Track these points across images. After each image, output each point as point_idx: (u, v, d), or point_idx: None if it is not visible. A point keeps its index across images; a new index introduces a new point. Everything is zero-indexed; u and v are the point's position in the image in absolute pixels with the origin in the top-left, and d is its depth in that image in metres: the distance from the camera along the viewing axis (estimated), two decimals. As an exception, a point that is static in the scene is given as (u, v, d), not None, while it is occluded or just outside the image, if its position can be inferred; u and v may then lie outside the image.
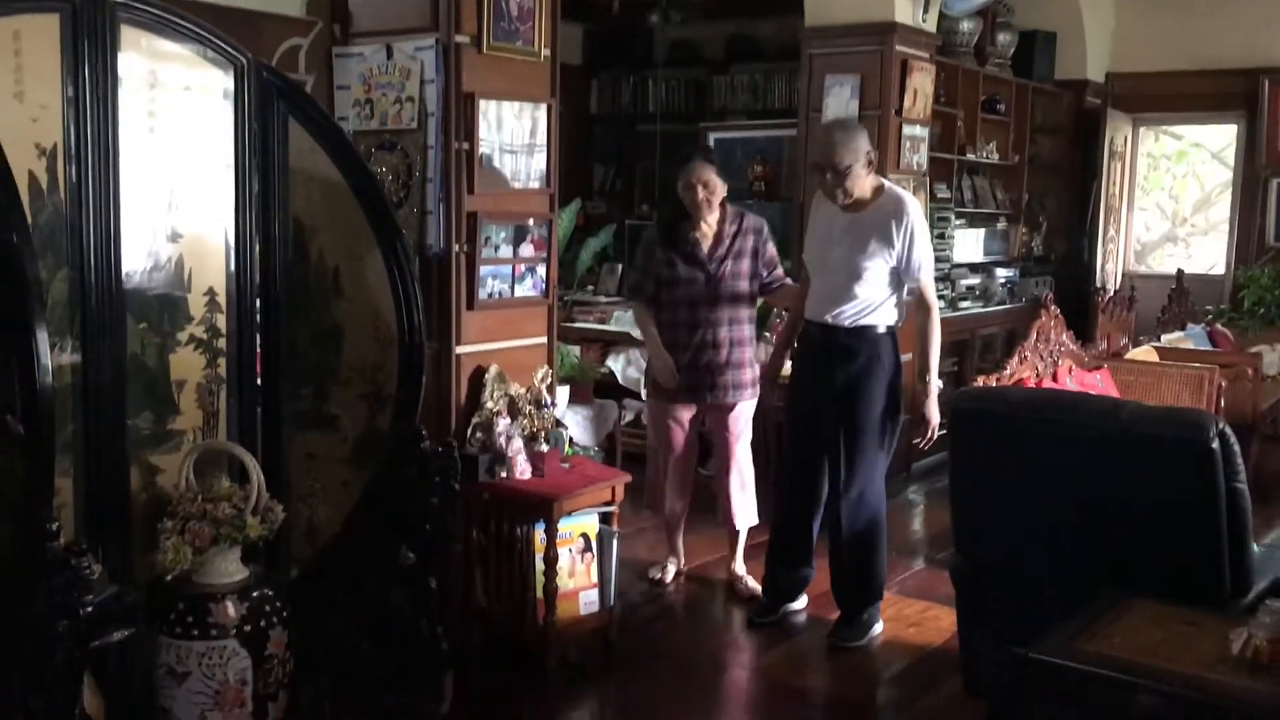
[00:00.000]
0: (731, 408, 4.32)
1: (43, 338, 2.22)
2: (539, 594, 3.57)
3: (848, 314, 3.80)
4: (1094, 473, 2.99)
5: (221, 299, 3.05)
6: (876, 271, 3.77)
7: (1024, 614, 2.91)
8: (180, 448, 2.96)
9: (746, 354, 4.31)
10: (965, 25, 7.08)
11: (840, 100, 5.90)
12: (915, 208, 3.85)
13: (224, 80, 3.00)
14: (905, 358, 3.96)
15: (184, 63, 2.94)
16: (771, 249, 4.36)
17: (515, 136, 3.79)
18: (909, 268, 3.80)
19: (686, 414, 4.38)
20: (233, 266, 3.06)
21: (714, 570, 4.61)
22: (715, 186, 4.16)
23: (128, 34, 2.77)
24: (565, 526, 3.60)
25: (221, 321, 3.05)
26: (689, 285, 4.21)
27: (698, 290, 4.20)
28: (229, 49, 2.98)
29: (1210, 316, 7.40)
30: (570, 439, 4.55)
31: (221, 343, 3.05)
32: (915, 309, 3.92)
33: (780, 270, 4.41)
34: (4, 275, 2.22)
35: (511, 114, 3.76)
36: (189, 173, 2.97)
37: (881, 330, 3.83)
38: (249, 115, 3.04)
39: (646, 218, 8.08)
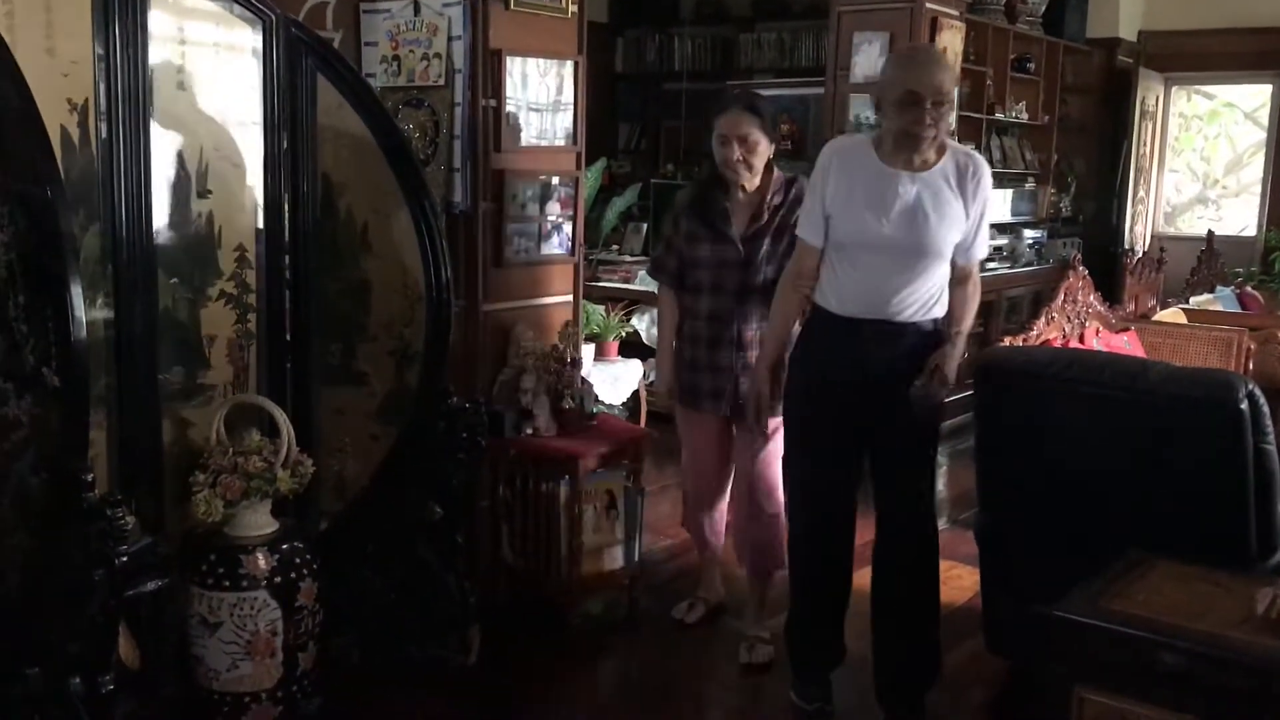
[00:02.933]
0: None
1: (77, 292, 2.24)
2: (564, 550, 3.60)
3: (916, 306, 2.91)
4: (1121, 433, 2.97)
5: (251, 255, 3.07)
6: (950, 248, 2.93)
7: (1047, 574, 2.90)
8: (211, 402, 2.99)
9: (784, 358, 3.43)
10: (996, -18, 6.99)
11: (869, 58, 5.85)
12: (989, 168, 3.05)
13: (253, 38, 3.01)
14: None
15: (213, 19, 2.95)
16: None
17: (542, 94, 3.78)
18: (975, 244, 2.99)
19: (713, 424, 3.54)
20: (262, 223, 3.08)
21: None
22: (757, 144, 3.32)
23: (159, -8, 2.78)
24: (590, 484, 3.63)
25: (251, 277, 3.07)
26: (715, 268, 3.39)
27: (726, 274, 3.38)
28: (257, 3, 2.98)
29: (1240, 279, 7.34)
30: (596, 396, 4.53)
31: (251, 298, 3.08)
32: (957, 275, 3.04)
33: None
34: (38, 230, 2.25)
35: (538, 71, 3.75)
36: (218, 129, 2.98)
37: (938, 323, 3.01)
38: (277, 71, 3.04)
39: (672, 177, 8.04)
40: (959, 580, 4.10)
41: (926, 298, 2.94)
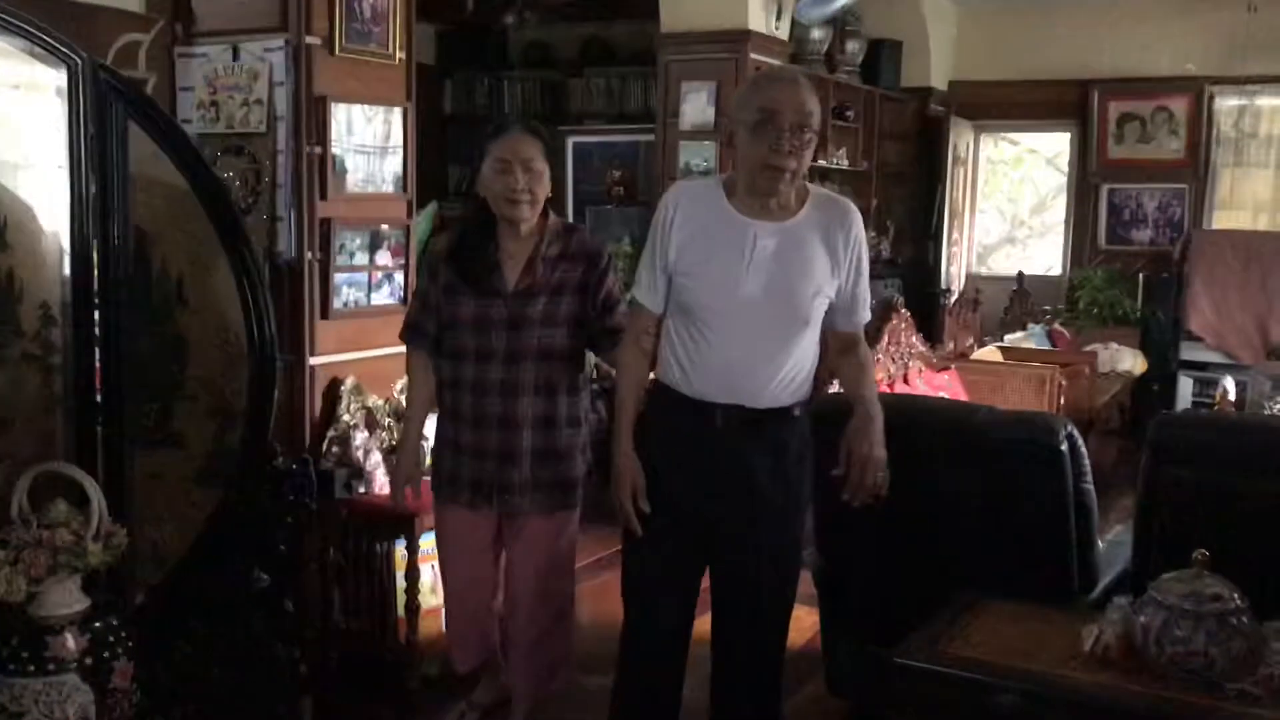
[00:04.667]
0: (532, 522, 2.93)
1: None
2: (400, 612, 3.48)
3: (784, 385, 2.50)
4: (949, 475, 3.06)
5: (56, 312, 2.88)
6: (819, 312, 2.52)
7: (884, 613, 2.97)
8: (11, 471, 2.78)
9: (562, 440, 2.90)
10: (816, 34, 7.22)
11: (697, 107, 5.96)
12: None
13: (57, 77, 2.83)
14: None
15: (13, 59, 2.76)
16: (611, 282, 2.94)
17: (369, 139, 3.70)
18: (855, 304, 2.57)
19: (478, 522, 2.98)
20: (69, 278, 2.89)
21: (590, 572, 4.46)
22: (542, 173, 2.85)
23: (-52, 28, 2.59)
24: (427, 542, 3.52)
25: (57, 336, 2.88)
26: (479, 329, 2.86)
27: (493, 337, 2.86)
28: (61, 48, 2.81)
29: (1049, 316, 7.73)
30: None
31: (57, 358, 2.88)
32: (840, 344, 2.65)
33: (622, 312, 2.90)
34: None
35: (365, 117, 3.66)
36: (19, 177, 2.79)
37: (804, 407, 2.59)
38: (85, 118, 2.87)
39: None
40: (799, 621, 4.07)
41: (796, 374, 2.50)
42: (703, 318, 2.48)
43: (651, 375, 2.68)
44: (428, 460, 3.16)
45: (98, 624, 2.68)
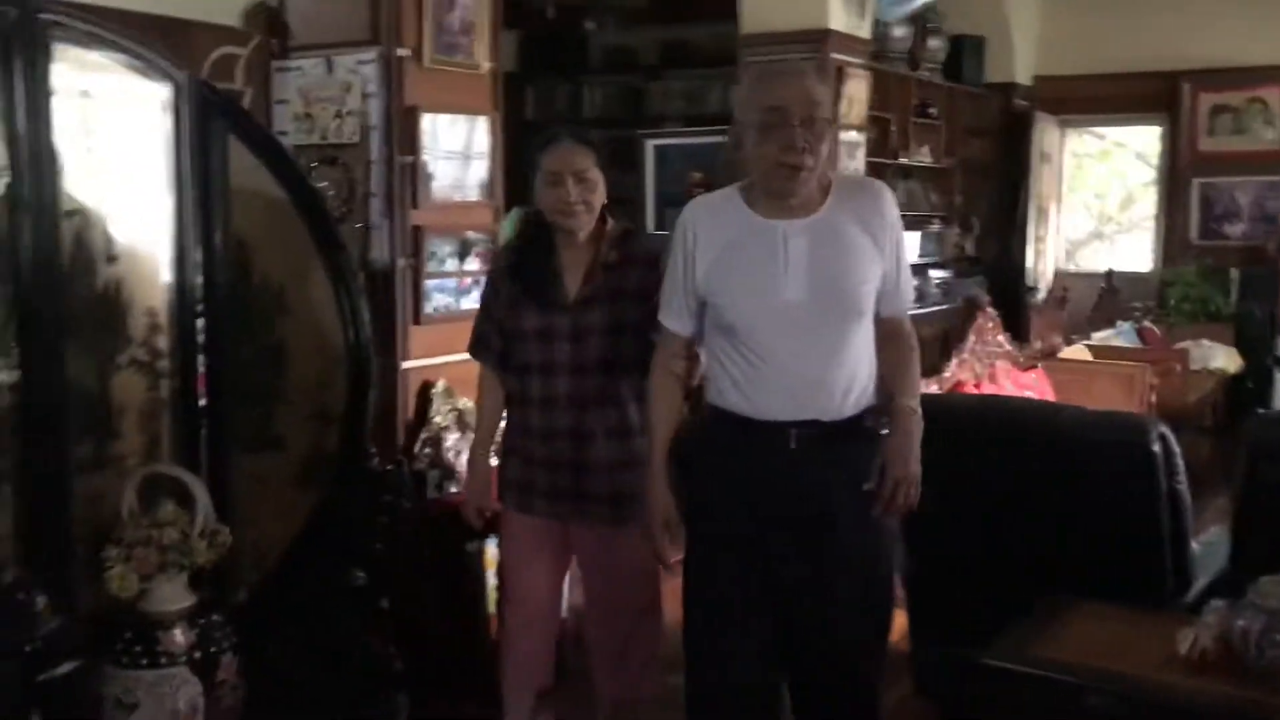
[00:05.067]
0: (607, 532, 2.80)
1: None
2: (490, 609, 3.54)
3: (856, 390, 2.33)
4: (1038, 477, 3.04)
5: (162, 320, 2.99)
6: (871, 301, 2.34)
7: (972, 616, 2.96)
8: (122, 473, 2.89)
9: (636, 449, 2.73)
10: (897, 32, 7.19)
11: (777, 107, 5.94)
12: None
13: (162, 92, 2.94)
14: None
15: (120, 76, 2.88)
16: None
17: (455, 147, 3.78)
18: (900, 287, 2.40)
19: (547, 534, 2.87)
20: (174, 286, 3.01)
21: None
22: (596, 183, 2.75)
23: (60, 49, 2.70)
24: (516, 541, 3.58)
25: (163, 342, 2.99)
26: (543, 341, 2.79)
27: (557, 349, 2.78)
28: (165, 69, 2.92)
29: (1139, 314, 7.58)
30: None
31: (163, 364, 2.99)
32: (883, 332, 2.43)
33: None
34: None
35: (451, 125, 3.74)
36: (127, 190, 2.90)
37: (876, 417, 2.40)
38: (188, 132, 2.98)
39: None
40: (885, 623, 4.13)
41: (865, 376, 2.34)
42: (749, 334, 2.30)
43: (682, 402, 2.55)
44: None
45: (204, 619, 2.79)
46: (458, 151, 3.78)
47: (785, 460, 2.27)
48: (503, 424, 2.98)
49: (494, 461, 3.01)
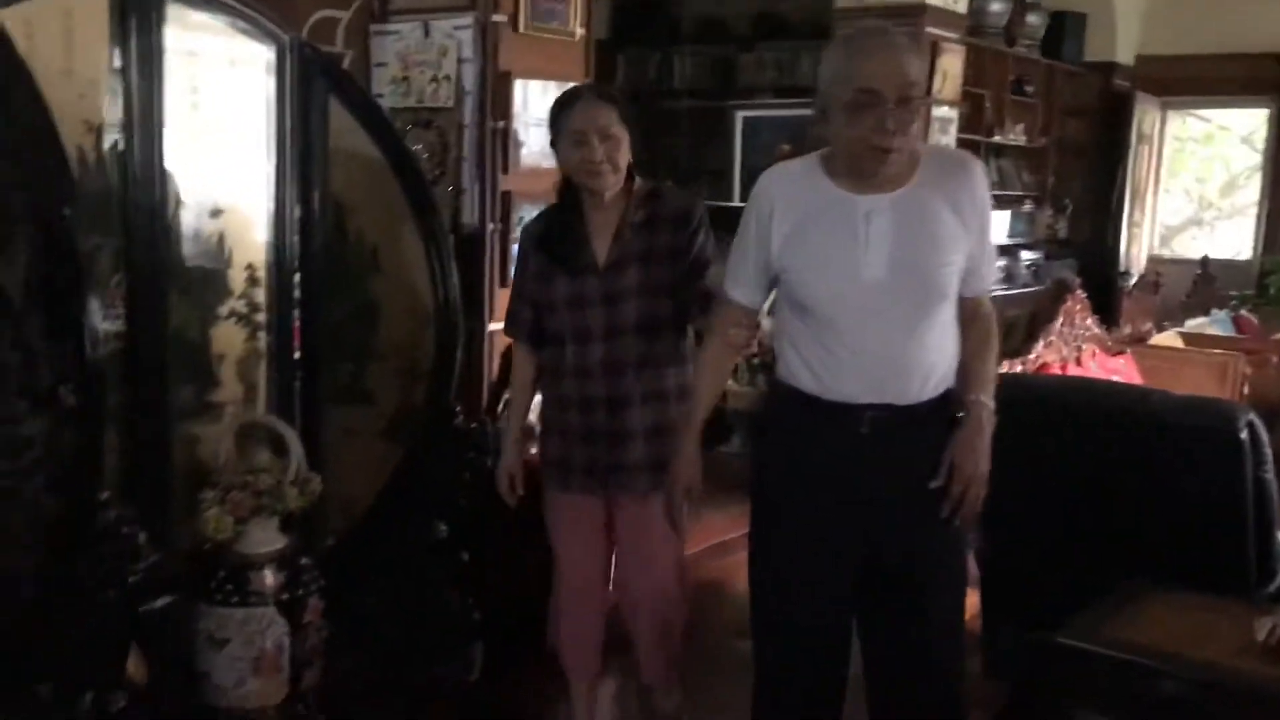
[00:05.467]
0: (648, 501, 2.69)
1: (94, 311, 2.27)
2: (566, 568, 3.60)
3: (937, 374, 2.22)
4: (1120, 460, 3.01)
5: (261, 274, 3.09)
6: (955, 281, 2.21)
7: (1047, 598, 2.94)
8: (220, 420, 3.01)
9: (674, 414, 2.67)
10: (995, 6, 7.07)
11: (870, 81, 5.89)
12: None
13: (266, 53, 3.03)
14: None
15: (227, 36, 2.97)
16: (703, 243, 2.73)
17: (545, 114, 3.81)
18: (983, 268, 2.27)
19: (588, 510, 2.84)
20: (272, 243, 3.10)
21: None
22: (620, 140, 2.69)
23: (172, 9, 2.80)
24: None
25: (261, 296, 3.09)
26: (574, 307, 2.72)
27: (589, 315, 2.71)
28: (271, 30, 3.01)
29: (1235, 303, 7.39)
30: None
31: (261, 317, 3.09)
32: (962, 312, 2.29)
33: (714, 273, 2.65)
34: (56, 249, 2.27)
35: (545, 93, 3.78)
36: (230, 147, 3.00)
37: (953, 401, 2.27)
38: (290, 93, 3.07)
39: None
40: (957, 602, 4.11)
41: (947, 360, 2.23)
42: (825, 312, 2.18)
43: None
44: (533, 449, 3.07)
45: (293, 563, 2.90)
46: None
47: (854, 443, 2.18)
48: (538, 400, 2.97)
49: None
